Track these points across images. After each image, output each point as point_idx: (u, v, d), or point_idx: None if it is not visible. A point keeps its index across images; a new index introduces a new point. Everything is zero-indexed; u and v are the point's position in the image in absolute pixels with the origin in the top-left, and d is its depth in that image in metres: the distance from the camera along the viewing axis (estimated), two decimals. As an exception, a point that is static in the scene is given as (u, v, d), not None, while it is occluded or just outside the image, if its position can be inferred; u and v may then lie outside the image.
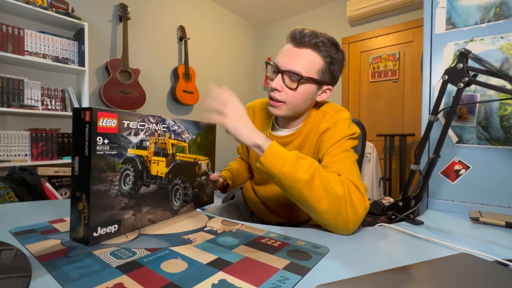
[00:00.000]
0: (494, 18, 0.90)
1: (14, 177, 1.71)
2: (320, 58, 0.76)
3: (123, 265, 0.43)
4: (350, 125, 0.80)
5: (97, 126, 0.50)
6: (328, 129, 0.81)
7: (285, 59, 0.77)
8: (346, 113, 0.83)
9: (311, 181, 0.59)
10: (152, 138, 0.62)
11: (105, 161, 0.52)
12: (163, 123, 0.65)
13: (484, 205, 0.90)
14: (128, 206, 0.57)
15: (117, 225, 0.55)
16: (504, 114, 0.88)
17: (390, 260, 0.50)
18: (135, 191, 0.58)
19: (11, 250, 0.46)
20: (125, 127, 0.55)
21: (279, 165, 0.59)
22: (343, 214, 0.60)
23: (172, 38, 3.21)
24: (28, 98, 2.06)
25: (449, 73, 0.77)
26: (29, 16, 2.12)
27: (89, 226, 0.50)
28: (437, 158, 0.80)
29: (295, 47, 0.77)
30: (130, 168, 0.57)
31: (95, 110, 0.49)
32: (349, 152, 0.76)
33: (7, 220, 0.66)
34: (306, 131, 0.85)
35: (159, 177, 0.65)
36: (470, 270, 0.43)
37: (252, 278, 0.40)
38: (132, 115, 0.57)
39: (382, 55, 3.31)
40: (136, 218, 0.59)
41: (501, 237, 0.65)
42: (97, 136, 0.50)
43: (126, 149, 0.56)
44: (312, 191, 0.59)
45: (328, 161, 0.73)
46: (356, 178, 0.67)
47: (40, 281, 0.39)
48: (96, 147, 0.50)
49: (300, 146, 0.85)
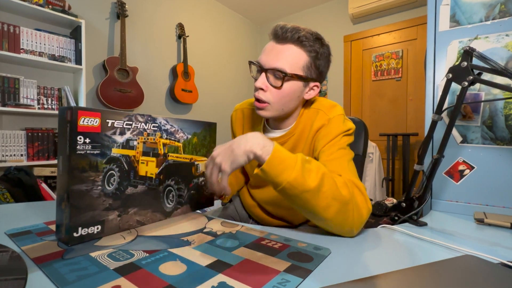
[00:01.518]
0: (499, 15, 0.89)
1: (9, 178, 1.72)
2: (304, 54, 0.75)
3: (120, 267, 0.43)
4: (344, 121, 0.79)
5: (77, 125, 0.50)
6: (322, 126, 0.79)
7: (268, 57, 0.75)
8: (339, 108, 0.82)
9: (320, 188, 0.56)
10: (140, 138, 0.62)
11: (87, 161, 0.52)
12: (154, 122, 0.64)
13: (489, 206, 0.90)
14: (113, 207, 0.57)
15: (100, 225, 0.55)
16: (509, 113, 0.88)
17: (393, 262, 0.50)
18: (120, 191, 0.58)
19: (7, 252, 0.46)
20: (109, 126, 0.55)
21: (286, 173, 0.55)
22: (349, 219, 0.59)
23: (171, 36, 3.20)
24: (24, 97, 2.06)
25: (453, 71, 0.76)
26: (25, 14, 2.12)
27: (70, 226, 0.51)
28: (441, 158, 0.80)
29: (277, 43, 0.75)
30: (114, 168, 0.57)
31: (75, 109, 0.50)
32: (345, 149, 0.75)
33: (3, 221, 0.66)
34: (299, 130, 0.84)
35: (149, 177, 0.64)
36: (475, 273, 0.43)
37: (252, 281, 0.40)
38: (117, 114, 0.57)
39: (384, 53, 3.31)
40: (122, 219, 0.59)
41: (506, 239, 0.65)
42: (77, 135, 0.50)
43: (110, 148, 0.56)
44: (319, 199, 0.57)
45: (324, 160, 0.72)
46: (356, 178, 0.66)
47: (36, 283, 0.39)
48: (76, 146, 0.50)
49: (294, 146, 0.84)
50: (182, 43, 3.19)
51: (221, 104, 3.80)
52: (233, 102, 3.94)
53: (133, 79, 2.62)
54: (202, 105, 3.53)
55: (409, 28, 3.15)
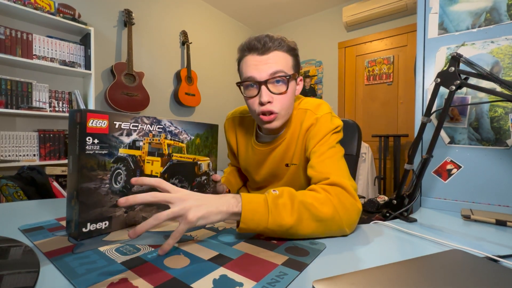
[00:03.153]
0: (484, 23, 0.90)
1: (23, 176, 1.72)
2: (287, 55, 0.74)
3: (127, 261, 0.43)
4: (332, 118, 0.77)
5: (87, 126, 0.50)
6: (311, 125, 0.78)
7: (259, 69, 0.72)
8: (326, 106, 0.80)
9: (301, 219, 0.53)
10: (146, 139, 0.62)
11: (95, 160, 0.52)
12: (159, 124, 0.64)
13: (475, 203, 0.90)
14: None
15: (108, 221, 0.55)
16: (494, 116, 0.88)
17: (385, 256, 0.50)
18: (127, 189, 0.58)
19: (20, 247, 0.46)
20: (116, 127, 0.55)
21: (262, 222, 0.51)
22: (338, 226, 0.57)
23: (175, 43, 3.21)
24: (36, 100, 2.06)
25: (441, 76, 0.77)
26: (37, 22, 2.12)
27: (79, 222, 0.51)
28: (429, 158, 0.80)
29: (261, 55, 0.72)
30: (121, 167, 0.57)
31: (85, 111, 0.50)
32: (335, 148, 0.73)
33: (16, 217, 0.66)
34: (290, 132, 0.82)
35: (154, 176, 0.64)
36: (462, 266, 0.43)
37: (252, 274, 0.40)
38: (124, 116, 0.57)
39: (377, 59, 3.31)
40: (128, 215, 0.59)
41: (491, 234, 0.65)
42: (86, 136, 0.50)
43: (118, 149, 0.56)
44: (305, 228, 0.54)
45: (315, 161, 0.70)
46: (344, 177, 0.64)
47: (48, 276, 0.39)
48: (85, 146, 0.50)
49: (286, 148, 0.83)
50: (185, 49, 3.20)
51: (222, 106, 3.80)
52: (234, 105, 3.94)
53: (139, 83, 2.62)
54: (204, 108, 3.53)
55: (400, 35, 3.16)
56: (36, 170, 1.77)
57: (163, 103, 3.08)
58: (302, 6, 3.64)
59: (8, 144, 1.96)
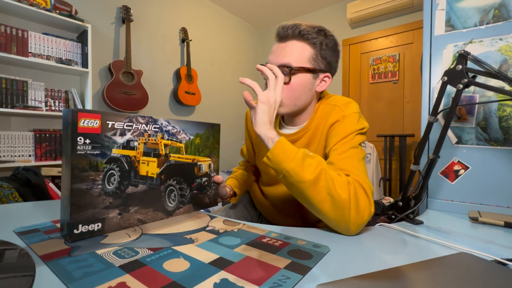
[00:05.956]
0: (493, 20, 0.89)
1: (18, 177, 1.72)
2: (308, 46, 0.75)
3: (126, 265, 0.43)
4: (359, 119, 0.77)
5: (78, 126, 0.51)
6: (336, 122, 0.78)
7: (274, 56, 0.77)
8: (355, 105, 0.80)
9: (316, 182, 0.58)
10: (141, 139, 0.62)
11: (87, 161, 0.52)
12: (155, 123, 0.64)
13: (483, 205, 0.89)
14: (113, 205, 0.57)
15: (100, 223, 0.55)
16: (503, 115, 0.88)
17: (390, 259, 0.50)
18: (121, 190, 0.58)
19: (15, 250, 0.46)
20: (109, 127, 0.56)
21: (286, 162, 0.59)
22: (346, 217, 0.59)
23: (175, 40, 3.21)
24: (32, 99, 2.07)
25: (448, 74, 0.76)
26: (33, 18, 2.13)
27: (70, 223, 0.51)
28: (436, 158, 0.80)
29: (280, 43, 0.77)
30: (115, 167, 0.57)
31: (75, 111, 0.50)
32: (357, 148, 0.73)
33: (11, 220, 0.66)
34: (314, 126, 0.82)
35: (150, 177, 0.64)
36: (469, 270, 0.42)
37: (253, 277, 0.40)
38: (118, 115, 0.57)
39: (382, 56, 3.31)
40: (123, 217, 0.59)
41: (500, 237, 0.65)
42: (77, 136, 0.51)
43: (111, 149, 0.56)
44: (315, 192, 0.59)
45: (335, 158, 0.70)
46: (364, 179, 0.65)
47: (44, 280, 0.39)
48: (76, 146, 0.51)
49: (308, 142, 0.83)
50: (185, 47, 3.20)
51: (223, 105, 3.80)
52: (235, 104, 3.95)
53: (138, 81, 2.62)
54: (205, 107, 3.53)
55: (406, 32, 3.15)
56: (32, 171, 1.77)
57: (162, 102, 3.09)
58: (305, 2, 3.63)
59: (2, 145, 1.96)
